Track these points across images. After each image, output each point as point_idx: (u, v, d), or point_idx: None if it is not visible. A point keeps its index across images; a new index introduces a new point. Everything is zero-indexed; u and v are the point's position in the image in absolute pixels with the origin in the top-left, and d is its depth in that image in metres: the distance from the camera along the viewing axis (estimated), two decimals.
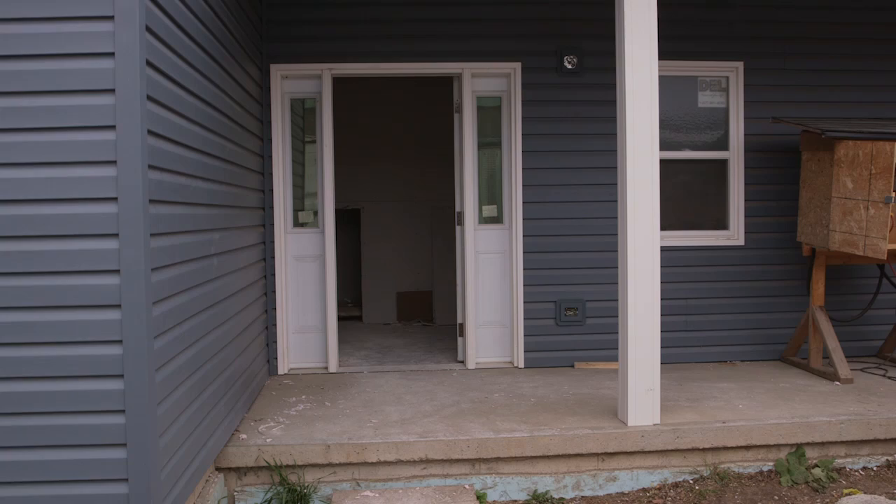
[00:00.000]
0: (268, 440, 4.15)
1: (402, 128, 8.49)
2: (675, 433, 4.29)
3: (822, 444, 4.46)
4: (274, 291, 5.77)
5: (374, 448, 4.11)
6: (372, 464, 4.14)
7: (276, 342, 5.79)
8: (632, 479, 4.31)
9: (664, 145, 5.78)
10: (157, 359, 2.91)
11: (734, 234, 6.05)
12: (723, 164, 6.05)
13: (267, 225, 5.69)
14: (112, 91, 2.72)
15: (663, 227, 5.59)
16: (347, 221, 8.84)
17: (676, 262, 5.90)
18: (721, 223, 6.09)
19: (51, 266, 2.75)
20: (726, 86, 6.04)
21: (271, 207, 5.72)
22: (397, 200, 8.49)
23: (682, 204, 6.05)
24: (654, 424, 4.31)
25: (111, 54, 2.71)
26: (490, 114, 6.00)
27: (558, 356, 5.91)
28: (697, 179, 6.07)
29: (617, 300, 4.59)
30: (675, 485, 4.31)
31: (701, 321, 6.01)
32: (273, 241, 5.74)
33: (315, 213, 5.99)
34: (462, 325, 6.02)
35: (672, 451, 4.32)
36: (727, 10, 5.95)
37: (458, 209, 6.03)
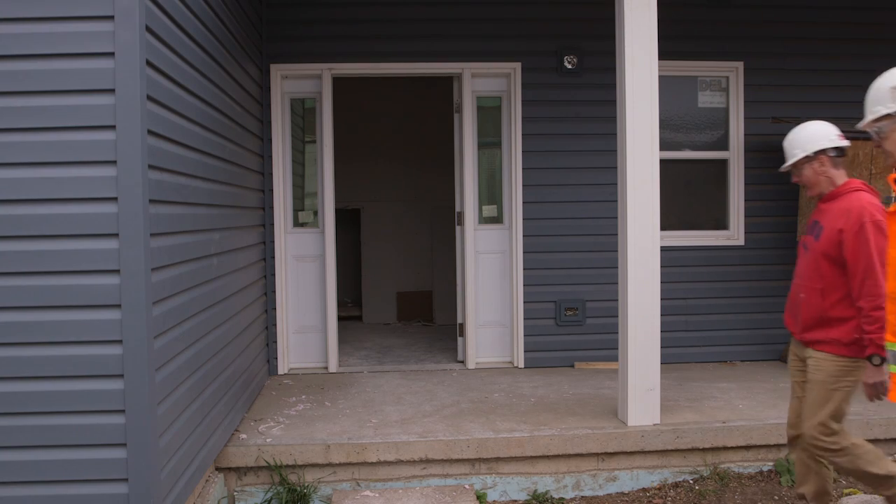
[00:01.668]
0: (268, 440, 4.15)
1: (403, 127, 8.48)
2: (675, 433, 4.29)
3: None
4: (274, 291, 5.77)
5: (374, 448, 4.11)
6: (372, 464, 4.14)
7: (276, 342, 5.79)
8: (632, 479, 4.31)
9: (664, 145, 5.76)
10: (157, 359, 2.91)
11: (734, 234, 6.05)
12: (723, 164, 6.05)
13: (267, 225, 5.69)
14: (112, 91, 2.72)
15: (663, 227, 5.56)
16: (347, 221, 8.83)
17: (676, 262, 5.90)
18: (721, 223, 6.09)
19: (51, 266, 2.75)
20: (726, 86, 6.04)
21: (271, 207, 5.72)
22: (397, 200, 8.48)
23: (682, 204, 6.05)
24: (654, 424, 4.32)
25: (111, 54, 2.71)
26: (490, 114, 6.00)
27: (558, 356, 5.91)
28: (697, 179, 6.07)
29: (617, 300, 4.58)
30: (675, 485, 4.31)
31: (701, 321, 6.01)
32: (273, 241, 5.74)
33: (315, 213, 5.99)
34: (462, 325, 6.01)
35: (672, 451, 4.32)
36: (727, 10, 5.95)
37: (458, 209, 6.02)
